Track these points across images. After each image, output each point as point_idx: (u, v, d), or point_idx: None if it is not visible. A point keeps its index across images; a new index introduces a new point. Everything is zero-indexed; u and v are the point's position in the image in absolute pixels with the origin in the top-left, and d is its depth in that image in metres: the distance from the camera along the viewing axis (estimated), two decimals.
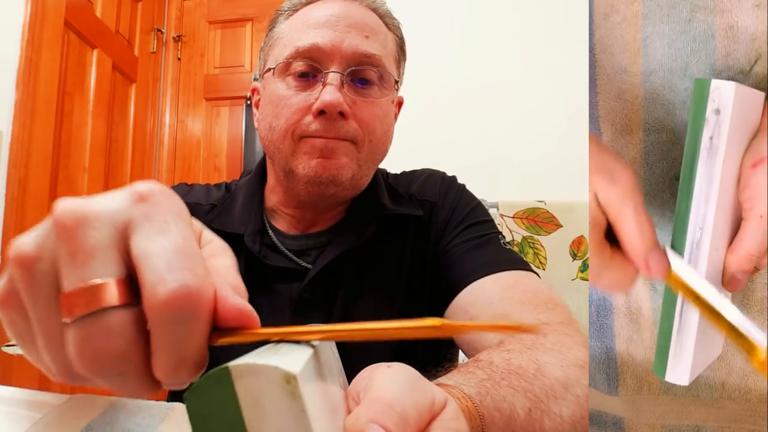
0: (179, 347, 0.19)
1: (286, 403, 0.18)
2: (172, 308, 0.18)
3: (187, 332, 0.19)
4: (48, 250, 0.20)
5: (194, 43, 2.15)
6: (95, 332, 0.19)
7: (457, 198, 0.65)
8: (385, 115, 0.60)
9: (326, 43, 0.56)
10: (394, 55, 0.62)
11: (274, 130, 0.57)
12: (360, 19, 0.58)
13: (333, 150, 0.55)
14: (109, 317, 0.19)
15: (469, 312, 0.53)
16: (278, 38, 0.61)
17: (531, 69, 1.58)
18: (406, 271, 0.61)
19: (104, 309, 0.19)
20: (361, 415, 0.21)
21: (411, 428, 0.21)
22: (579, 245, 1.20)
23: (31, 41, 1.37)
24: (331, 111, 0.54)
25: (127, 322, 0.19)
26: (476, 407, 0.29)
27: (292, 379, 0.18)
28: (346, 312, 0.58)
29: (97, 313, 0.18)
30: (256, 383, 0.18)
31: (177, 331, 0.19)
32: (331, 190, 0.56)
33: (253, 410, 0.18)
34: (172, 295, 0.18)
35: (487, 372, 0.33)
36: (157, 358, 0.19)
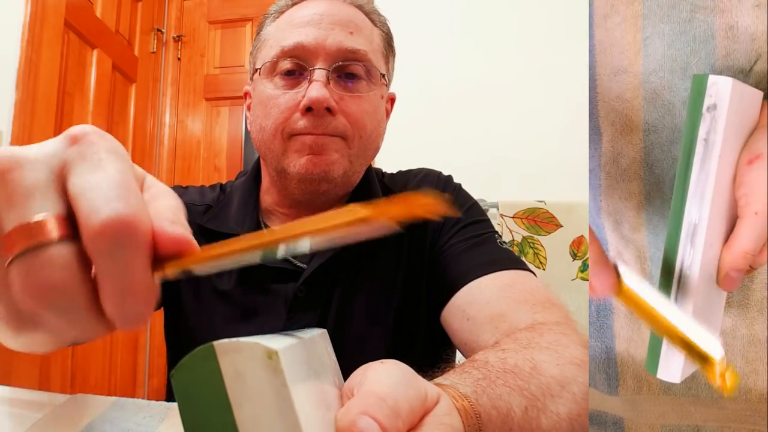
0: (121, 276, 0.19)
1: (267, 378, 0.19)
2: (107, 237, 0.19)
3: (127, 260, 0.19)
4: None
5: (194, 43, 2.15)
6: (37, 266, 0.19)
7: (454, 197, 0.65)
8: (374, 110, 0.60)
9: (310, 41, 0.56)
10: (381, 51, 0.62)
11: (264, 130, 0.58)
12: (344, 16, 0.58)
13: (322, 146, 0.55)
14: (50, 251, 0.19)
15: (467, 312, 0.53)
16: (265, 40, 0.61)
17: (531, 69, 1.58)
18: (403, 271, 0.61)
19: (44, 244, 0.19)
20: (352, 408, 0.21)
21: (402, 421, 0.21)
22: (579, 245, 1.20)
23: (31, 41, 1.37)
24: (318, 107, 0.54)
25: (69, 256, 0.19)
26: (472, 406, 0.29)
27: (274, 354, 0.19)
28: (342, 312, 0.58)
29: (37, 248, 0.19)
30: (240, 359, 0.19)
31: (116, 260, 0.19)
32: (323, 187, 0.57)
33: (236, 385, 0.19)
34: (107, 223, 0.18)
35: (483, 371, 0.33)
36: (103, 291, 0.19)
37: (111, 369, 1.76)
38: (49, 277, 0.19)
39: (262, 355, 0.19)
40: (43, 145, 0.21)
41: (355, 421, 0.20)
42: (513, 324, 0.47)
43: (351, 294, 0.59)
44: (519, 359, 0.36)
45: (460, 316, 0.53)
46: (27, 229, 0.19)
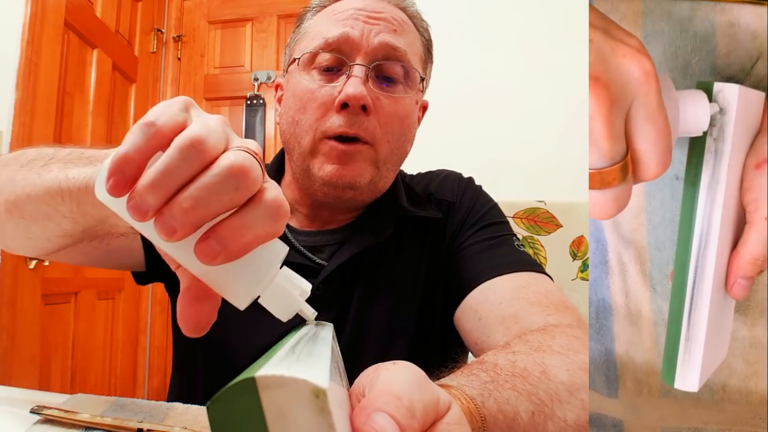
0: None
1: (314, 418, 0.17)
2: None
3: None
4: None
5: (194, 43, 2.15)
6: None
7: (474, 198, 0.65)
8: (407, 115, 0.59)
9: (356, 34, 0.55)
10: (420, 55, 0.61)
11: (297, 124, 0.57)
12: (389, 14, 0.58)
13: (351, 157, 0.54)
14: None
15: (479, 312, 0.52)
16: (306, 32, 0.60)
17: (531, 69, 1.57)
18: (424, 271, 0.60)
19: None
20: (367, 406, 0.20)
21: (417, 422, 0.21)
22: (579, 245, 1.20)
23: (31, 41, 1.37)
24: (354, 104, 0.53)
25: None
26: (478, 409, 0.28)
27: (322, 393, 0.17)
28: (362, 312, 0.57)
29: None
30: (284, 395, 0.17)
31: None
32: (349, 194, 0.56)
33: (278, 423, 0.18)
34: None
35: (491, 374, 0.33)
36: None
37: (111, 369, 1.75)
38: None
39: (308, 393, 0.17)
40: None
41: (372, 418, 0.20)
42: (525, 325, 0.46)
43: (371, 294, 0.58)
44: (529, 363, 0.36)
45: (472, 316, 0.53)
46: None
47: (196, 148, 0.24)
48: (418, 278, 0.60)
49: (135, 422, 0.40)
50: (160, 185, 0.23)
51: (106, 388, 1.72)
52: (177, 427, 0.39)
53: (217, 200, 0.24)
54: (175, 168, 0.24)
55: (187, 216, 0.23)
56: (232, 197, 0.24)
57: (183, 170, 0.24)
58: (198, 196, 0.23)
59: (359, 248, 0.57)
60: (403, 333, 0.58)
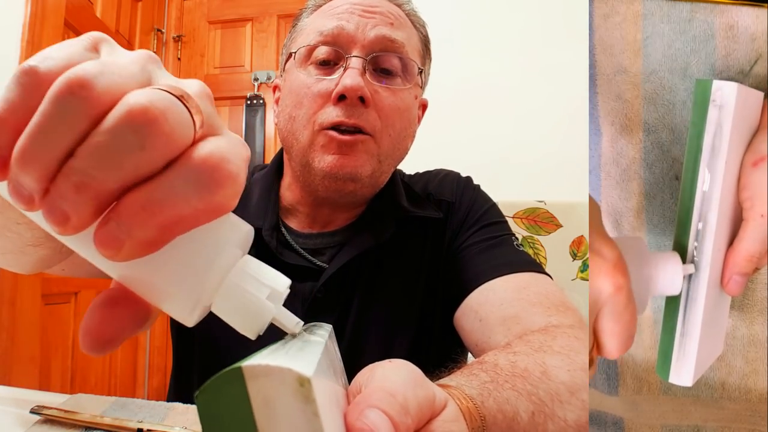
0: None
1: (299, 406, 0.18)
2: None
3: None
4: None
5: (194, 43, 2.15)
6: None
7: (473, 198, 0.64)
8: (407, 108, 0.58)
9: (351, 27, 0.55)
10: (418, 50, 0.61)
11: (294, 120, 0.56)
12: (385, 9, 0.58)
13: (351, 146, 0.53)
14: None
15: (479, 313, 0.52)
16: (301, 29, 0.60)
17: (531, 69, 1.58)
18: (425, 274, 0.60)
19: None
20: (361, 402, 0.20)
21: (411, 419, 0.21)
22: (579, 245, 1.20)
23: (31, 41, 1.37)
24: (352, 95, 0.52)
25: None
26: (477, 408, 0.28)
27: (306, 382, 0.18)
28: (363, 314, 0.57)
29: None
30: (269, 384, 0.18)
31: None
32: (350, 187, 0.55)
33: (264, 411, 0.18)
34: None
35: (491, 374, 0.33)
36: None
37: (111, 369, 1.75)
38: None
39: (293, 381, 0.18)
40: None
41: (365, 414, 0.20)
42: (526, 326, 0.46)
43: (372, 296, 0.58)
44: (529, 363, 0.36)
45: (472, 317, 0.52)
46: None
47: (75, 94, 0.17)
48: (418, 279, 0.60)
49: (135, 422, 0.40)
50: (33, 156, 0.17)
51: (106, 388, 1.72)
52: (177, 427, 0.39)
53: (115, 166, 0.17)
54: (50, 128, 0.17)
55: (80, 194, 0.17)
56: (137, 160, 0.17)
57: (63, 130, 0.17)
58: (87, 165, 0.17)
59: (359, 250, 0.57)
60: (404, 334, 0.58)
